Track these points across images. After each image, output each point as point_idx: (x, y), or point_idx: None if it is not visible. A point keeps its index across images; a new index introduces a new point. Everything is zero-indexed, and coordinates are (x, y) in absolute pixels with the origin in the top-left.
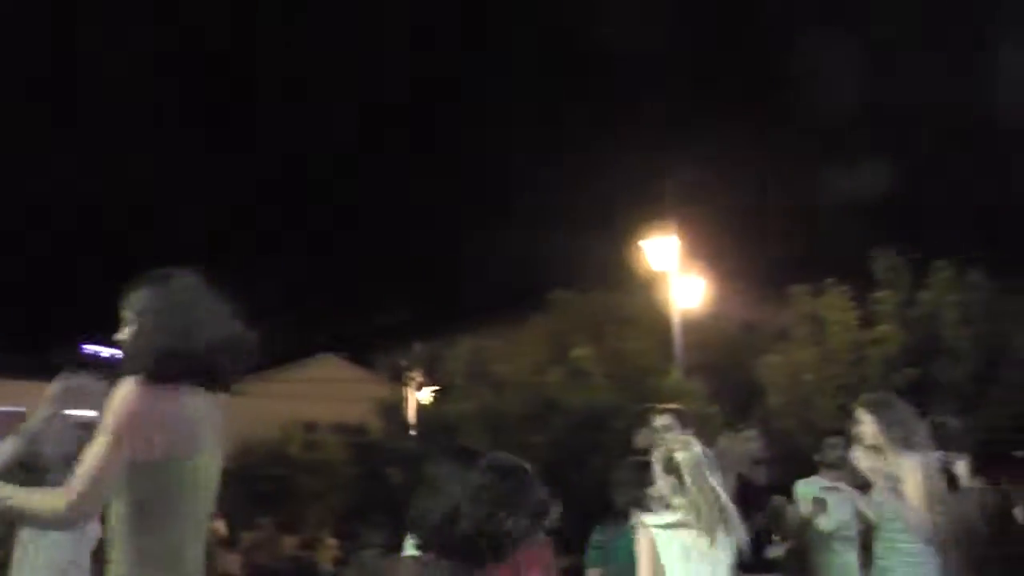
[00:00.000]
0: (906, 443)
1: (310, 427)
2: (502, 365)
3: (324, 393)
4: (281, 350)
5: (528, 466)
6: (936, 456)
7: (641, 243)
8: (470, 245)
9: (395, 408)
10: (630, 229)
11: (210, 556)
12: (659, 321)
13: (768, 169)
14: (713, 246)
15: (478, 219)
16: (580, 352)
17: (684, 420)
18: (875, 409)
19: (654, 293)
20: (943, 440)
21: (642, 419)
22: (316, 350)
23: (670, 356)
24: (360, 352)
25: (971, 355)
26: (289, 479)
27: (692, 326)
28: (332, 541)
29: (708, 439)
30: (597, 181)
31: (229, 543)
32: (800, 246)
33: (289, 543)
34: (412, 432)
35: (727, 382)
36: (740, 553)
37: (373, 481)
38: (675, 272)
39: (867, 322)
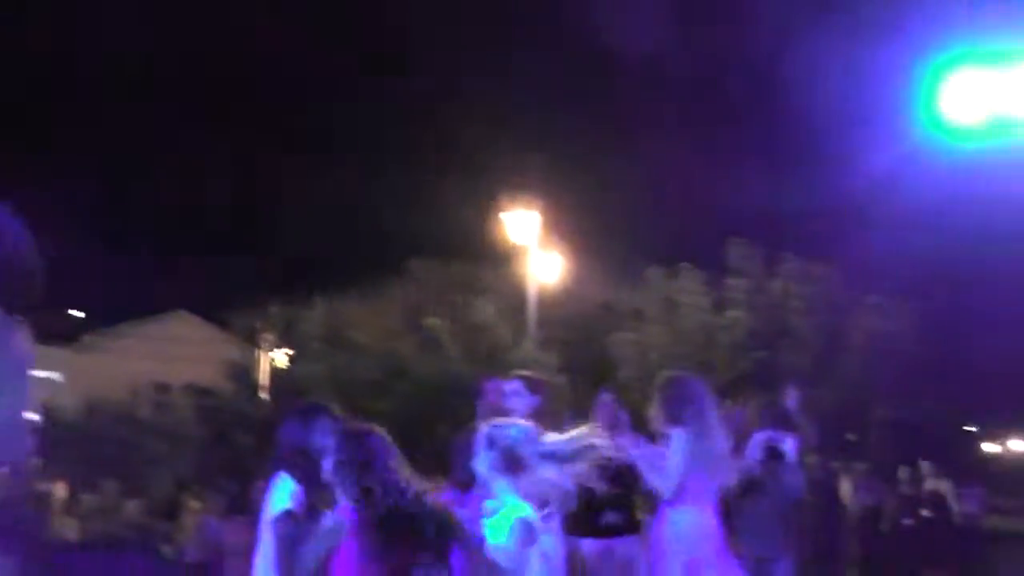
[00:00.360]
0: (675, 419)
1: (161, 388)
2: (357, 330)
3: (177, 353)
4: (134, 305)
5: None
6: (766, 434)
7: (502, 216)
8: (332, 210)
9: (246, 370)
10: (492, 202)
11: (46, 520)
12: (516, 295)
13: (626, 154)
14: (573, 224)
15: (341, 185)
16: (433, 321)
17: (533, 387)
18: (659, 387)
19: (512, 267)
20: (775, 419)
21: (488, 387)
22: (170, 306)
23: (525, 329)
24: (215, 311)
25: (813, 342)
26: (136, 441)
27: (548, 301)
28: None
29: (557, 410)
30: (461, 153)
31: (67, 507)
32: (657, 231)
33: (132, 509)
34: (263, 395)
35: (579, 357)
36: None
37: (221, 444)
38: (534, 247)
39: (718, 307)
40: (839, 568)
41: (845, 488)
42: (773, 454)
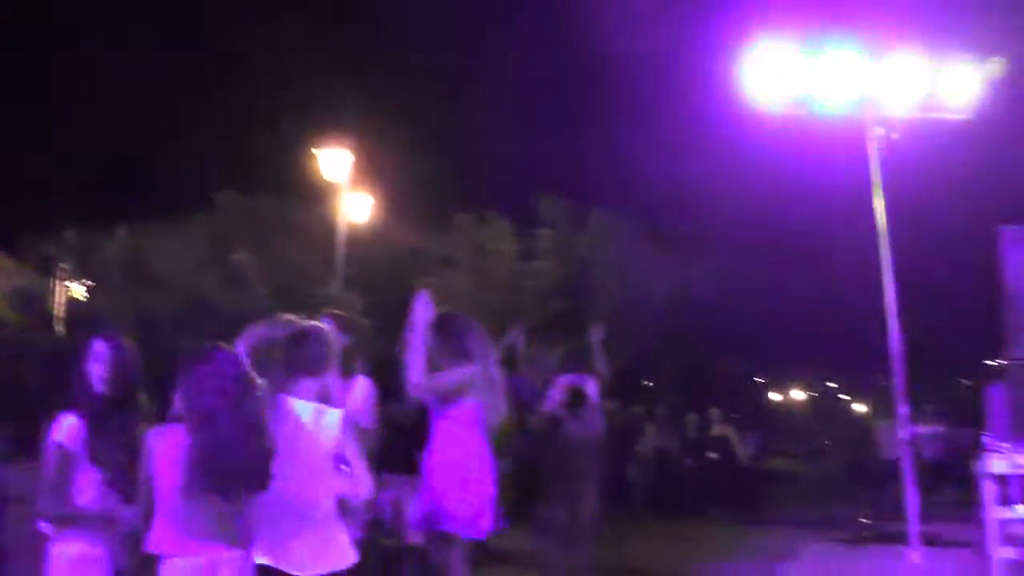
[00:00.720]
0: (456, 356)
1: None
2: (160, 262)
3: None
4: None
5: None
6: (569, 377)
7: (315, 152)
8: (136, 134)
9: (37, 299)
10: (305, 139)
11: None
12: (325, 234)
13: (444, 101)
14: (386, 166)
15: (148, 110)
16: (240, 255)
17: (344, 326)
18: (433, 327)
19: (323, 205)
20: (578, 364)
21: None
22: None
23: (331, 268)
24: (4, 238)
25: (614, 293)
26: None
27: (357, 242)
28: None
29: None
30: (277, 88)
31: None
32: (469, 179)
33: None
34: (57, 327)
35: (386, 299)
36: None
37: (6, 380)
38: (346, 186)
39: (526, 256)
40: (631, 502)
41: (645, 430)
42: (576, 395)
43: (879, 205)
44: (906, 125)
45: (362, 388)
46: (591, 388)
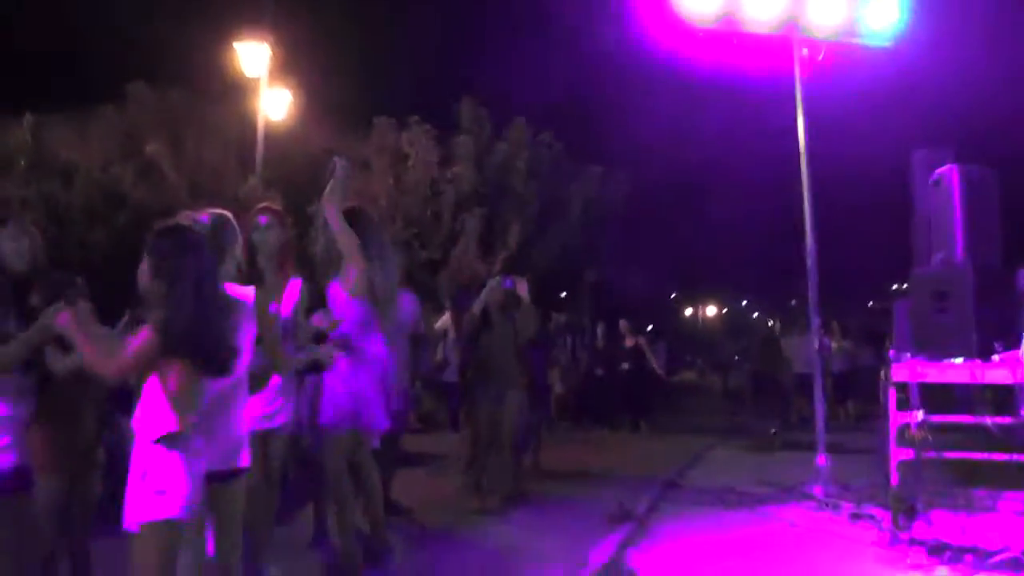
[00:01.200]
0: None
1: None
2: (69, 153)
3: None
4: None
5: None
6: (501, 278)
7: (235, 45)
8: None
9: None
10: (221, 30)
11: None
12: (239, 130)
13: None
14: (305, 62)
15: None
16: (155, 147)
17: (283, 221)
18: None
19: (237, 102)
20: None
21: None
22: None
23: (248, 166)
24: None
25: (534, 202)
26: None
27: (274, 140)
28: None
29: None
30: None
31: None
32: (389, 81)
33: None
34: None
35: (305, 199)
36: None
37: None
38: (264, 81)
39: (445, 162)
40: (547, 406)
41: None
42: (509, 296)
43: (800, 124)
44: (830, 48)
45: (296, 289)
46: (523, 289)
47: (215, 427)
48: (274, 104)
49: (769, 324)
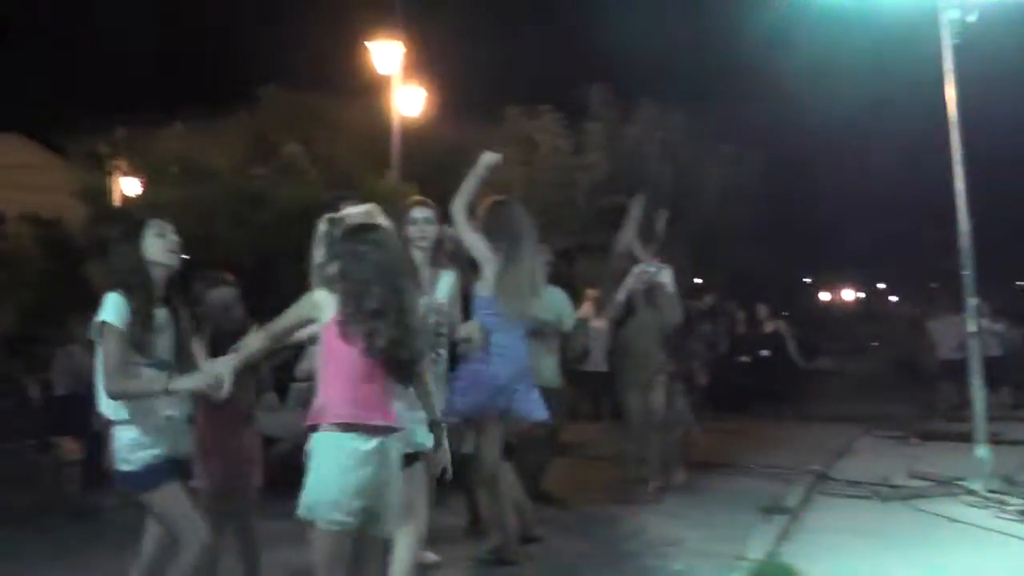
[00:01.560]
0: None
1: None
2: (211, 157)
3: (9, 179)
4: None
5: None
6: (644, 265)
7: (368, 45)
8: (176, 27)
9: (101, 194)
10: (353, 30)
11: None
12: (372, 128)
13: None
14: (436, 58)
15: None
16: (292, 147)
17: (436, 215)
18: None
19: (371, 98)
20: (654, 252)
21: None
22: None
23: (384, 163)
24: (51, 135)
25: (669, 187)
26: None
27: (408, 136)
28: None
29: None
30: None
31: None
32: (519, 71)
33: None
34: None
35: (441, 192)
36: None
37: (70, 277)
38: (398, 79)
39: (577, 150)
40: (690, 393)
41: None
42: (651, 286)
43: (950, 94)
44: (982, 6)
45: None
46: (667, 276)
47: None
48: (407, 101)
49: (909, 307)
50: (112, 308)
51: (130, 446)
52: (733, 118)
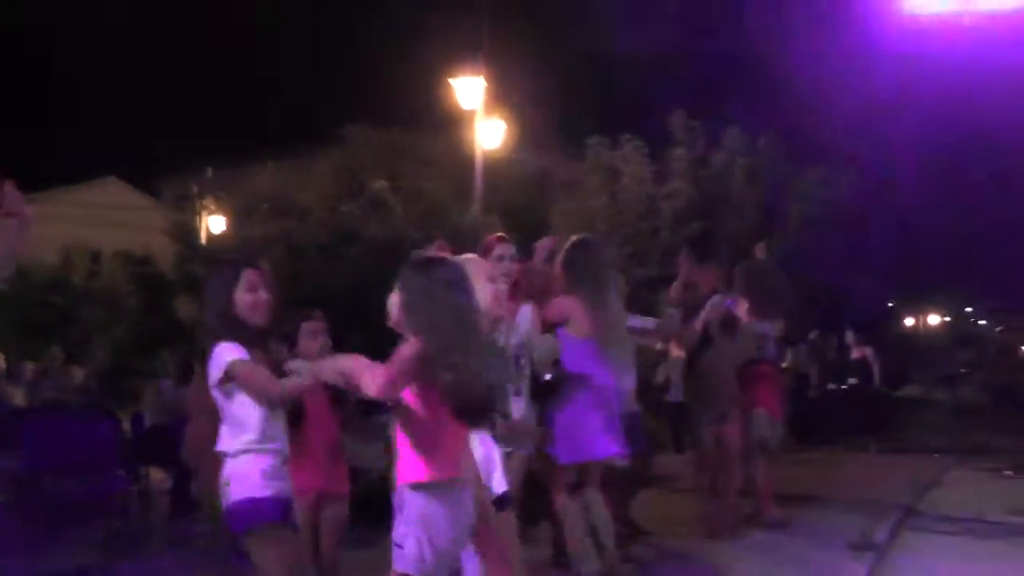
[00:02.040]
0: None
1: (94, 255)
2: (301, 194)
3: (108, 219)
4: (65, 171)
5: None
6: (721, 297)
7: (450, 81)
8: (263, 69)
9: (190, 232)
10: (436, 66)
11: None
12: (456, 161)
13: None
14: (517, 90)
15: (273, 42)
16: (380, 184)
17: (516, 250)
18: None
19: (453, 133)
20: (729, 284)
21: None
22: (100, 172)
23: (466, 196)
24: (145, 178)
25: (753, 213)
26: (71, 308)
27: (491, 168)
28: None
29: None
30: (406, 16)
31: (9, 374)
32: (600, 100)
33: (79, 375)
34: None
35: (522, 224)
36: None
37: (160, 312)
38: (480, 113)
39: (660, 178)
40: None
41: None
42: (727, 317)
43: None
44: None
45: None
46: (742, 309)
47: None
48: (490, 134)
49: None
50: (228, 351)
51: (242, 480)
52: (825, 138)
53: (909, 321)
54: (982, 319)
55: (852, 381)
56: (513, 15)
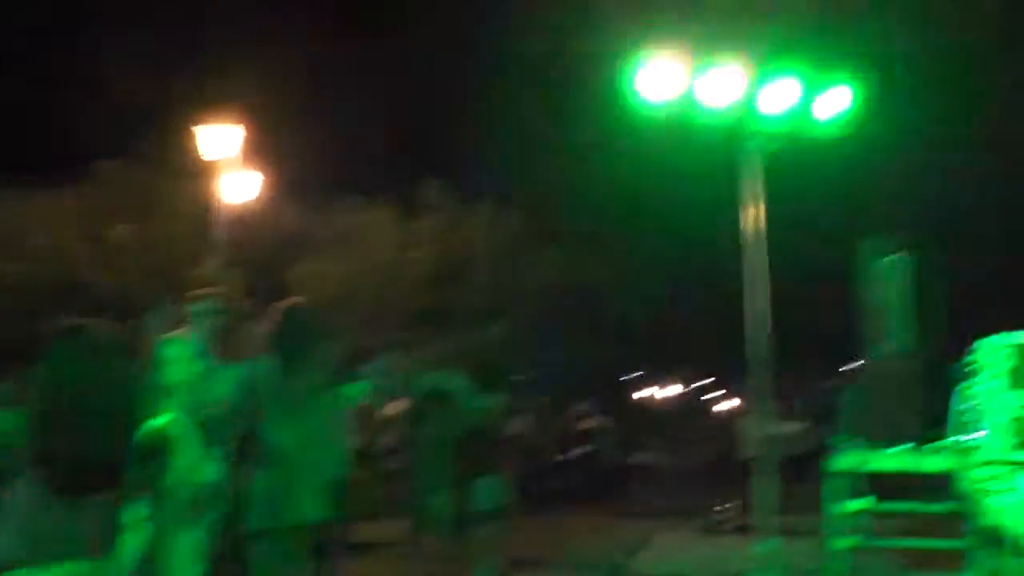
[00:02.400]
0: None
1: None
2: (36, 235)
3: None
4: None
5: None
6: (434, 373)
7: (201, 128)
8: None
9: None
10: (191, 112)
11: None
12: (205, 210)
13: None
14: (272, 145)
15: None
16: (121, 229)
17: (225, 308)
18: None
19: (204, 181)
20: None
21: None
22: None
23: (212, 247)
24: None
25: (491, 285)
26: None
27: (242, 220)
28: None
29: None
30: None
31: None
32: (356, 163)
33: None
34: None
35: (264, 282)
36: None
37: None
38: (232, 163)
39: (408, 243)
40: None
41: (514, 423)
42: (438, 392)
43: (753, 213)
44: (785, 137)
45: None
46: (458, 384)
47: None
48: (241, 185)
49: (726, 405)
50: None
51: None
52: (565, 221)
53: (646, 391)
54: (712, 392)
55: (584, 449)
56: (291, 67)
